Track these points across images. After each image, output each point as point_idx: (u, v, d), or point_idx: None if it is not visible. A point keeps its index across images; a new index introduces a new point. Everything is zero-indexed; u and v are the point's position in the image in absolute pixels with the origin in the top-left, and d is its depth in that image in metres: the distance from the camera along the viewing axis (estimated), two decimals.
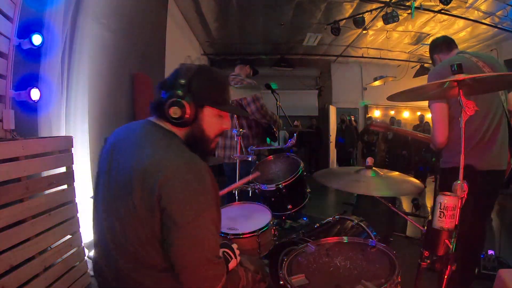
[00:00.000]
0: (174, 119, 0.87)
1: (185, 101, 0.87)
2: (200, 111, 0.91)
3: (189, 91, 0.88)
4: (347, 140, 7.37)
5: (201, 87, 0.90)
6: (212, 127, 0.94)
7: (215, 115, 0.94)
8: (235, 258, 0.98)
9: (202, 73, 0.92)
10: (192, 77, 0.89)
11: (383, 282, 0.96)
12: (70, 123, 2.18)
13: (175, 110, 0.86)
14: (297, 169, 1.89)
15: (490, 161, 1.56)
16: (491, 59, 1.66)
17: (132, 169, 0.81)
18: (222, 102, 0.95)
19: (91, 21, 2.41)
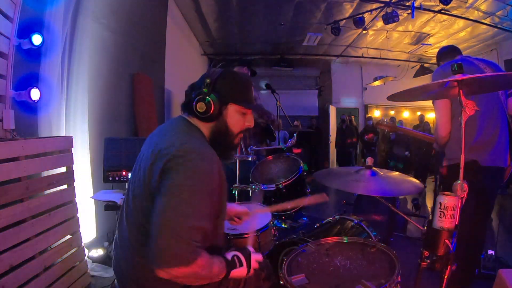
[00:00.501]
0: (200, 114, 0.97)
1: (210, 98, 0.97)
2: (225, 107, 1.00)
3: (214, 89, 0.98)
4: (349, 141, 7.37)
5: (225, 86, 1.00)
6: (235, 123, 1.03)
7: (238, 112, 1.02)
8: (245, 268, 0.97)
9: (227, 74, 1.02)
10: (217, 78, 1.00)
11: (383, 282, 0.96)
12: (70, 123, 2.18)
13: (201, 105, 0.96)
14: (297, 169, 1.89)
15: (492, 157, 1.59)
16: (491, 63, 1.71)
17: (151, 153, 0.92)
18: (245, 100, 1.03)
19: (91, 21, 2.41)
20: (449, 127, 1.63)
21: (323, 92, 8.80)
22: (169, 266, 0.79)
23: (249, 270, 0.98)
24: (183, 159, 0.85)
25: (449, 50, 1.88)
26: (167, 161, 0.85)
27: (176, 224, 0.80)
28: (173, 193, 0.83)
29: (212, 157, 0.90)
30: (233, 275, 0.95)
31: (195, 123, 1.01)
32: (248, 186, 1.87)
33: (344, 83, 8.79)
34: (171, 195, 0.83)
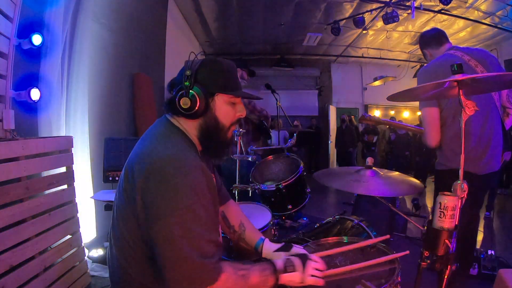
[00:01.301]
0: (185, 110, 0.87)
1: (194, 91, 0.86)
2: (211, 99, 0.90)
3: (197, 81, 0.88)
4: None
5: (209, 75, 0.89)
6: (225, 115, 0.92)
7: (227, 102, 0.92)
8: (300, 273, 0.88)
9: (208, 62, 0.92)
10: (198, 68, 0.89)
11: (383, 282, 0.96)
12: (70, 123, 2.18)
13: (185, 101, 0.86)
14: (297, 169, 1.88)
15: (485, 166, 1.56)
16: (483, 55, 1.62)
17: (128, 163, 0.84)
18: (232, 88, 0.93)
19: (91, 21, 2.41)
20: (438, 137, 1.58)
21: (323, 92, 8.80)
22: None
23: (304, 276, 0.88)
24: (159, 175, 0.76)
25: (433, 36, 1.74)
26: (141, 178, 0.77)
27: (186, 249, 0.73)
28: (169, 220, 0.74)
29: (187, 163, 0.79)
30: (285, 281, 0.87)
31: (179, 123, 0.91)
32: (248, 186, 1.87)
33: (344, 83, 8.79)
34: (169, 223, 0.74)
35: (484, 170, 1.55)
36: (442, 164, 1.63)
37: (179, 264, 0.73)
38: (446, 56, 1.61)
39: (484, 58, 1.60)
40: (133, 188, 0.78)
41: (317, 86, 8.85)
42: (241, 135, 2.03)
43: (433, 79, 1.04)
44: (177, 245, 0.73)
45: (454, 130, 1.54)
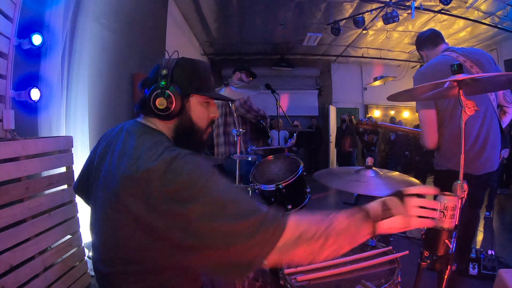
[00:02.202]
0: (161, 111, 0.83)
1: (170, 91, 0.83)
2: (186, 100, 0.87)
3: (172, 81, 0.85)
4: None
5: (184, 76, 0.87)
6: (200, 116, 0.90)
7: (201, 103, 0.90)
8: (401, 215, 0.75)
9: (183, 63, 0.89)
10: (174, 68, 0.87)
11: (383, 282, 0.97)
12: (70, 123, 2.18)
13: (161, 101, 0.82)
14: (297, 169, 1.88)
15: (482, 167, 1.57)
16: (478, 56, 1.62)
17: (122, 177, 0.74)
18: (207, 89, 0.91)
19: (91, 21, 2.41)
20: (435, 138, 1.58)
21: (323, 92, 8.80)
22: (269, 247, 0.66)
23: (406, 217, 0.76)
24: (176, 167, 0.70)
25: (429, 37, 1.74)
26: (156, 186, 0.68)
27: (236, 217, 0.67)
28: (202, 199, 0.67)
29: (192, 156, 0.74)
30: (386, 227, 0.75)
31: (154, 125, 0.86)
32: (248, 186, 1.87)
33: (344, 83, 8.79)
34: (201, 203, 0.67)
35: (481, 170, 1.56)
36: (440, 165, 1.64)
37: (239, 235, 0.66)
38: (441, 58, 1.61)
39: (479, 58, 1.60)
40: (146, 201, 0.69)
41: (317, 86, 8.86)
42: (241, 135, 2.03)
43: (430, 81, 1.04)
44: (228, 209, 0.68)
45: (451, 131, 1.55)
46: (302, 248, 0.69)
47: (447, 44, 1.71)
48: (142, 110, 0.88)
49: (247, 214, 0.68)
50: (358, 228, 0.73)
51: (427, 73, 1.59)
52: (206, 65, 0.94)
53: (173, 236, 0.68)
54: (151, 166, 0.70)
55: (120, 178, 0.73)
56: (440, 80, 0.99)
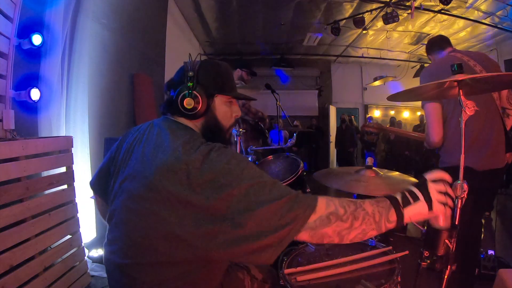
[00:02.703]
0: (188, 111, 0.88)
1: (196, 92, 0.88)
2: (212, 100, 0.92)
3: (198, 82, 0.89)
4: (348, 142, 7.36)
5: (209, 77, 0.92)
6: (224, 115, 0.95)
7: (225, 102, 0.95)
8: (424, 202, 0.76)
9: (207, 65, 0.94)
10: (199, 70, 0.91)
11: (383, 282, 0.96)
12: (70, 123, 2.18)
13: (189, 101, 0.87)
14: (297, 169, 1.88)
15: (487, 161, 1.57)
16: (481, 56, 1.65)
17: (159, 168, 0.77)
18: (230, 89, 0.96)
19: (91, 21, 2.41)
20: (441, 132, 1.60)
21: (323, 92, 8.80)
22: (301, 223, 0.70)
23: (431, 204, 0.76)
24: (212, 155, 0.75)
25: (436, 42, 1.80)
26: (194, 174, 0.72)
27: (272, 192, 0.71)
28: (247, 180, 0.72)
29: (227, 148, 0.81)
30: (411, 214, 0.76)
31: (185, 123, 0.91)
32: None
33: (344, 83, 8.79)
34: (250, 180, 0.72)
35: (484, 166, 1.56)
36: (445, 162, 1.64)
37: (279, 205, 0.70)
38: (446, 57, 1.65)
39: (483, 59, 1.63)
40: (183, 188, 0.72)
41: (317, 86, 8.86)
42: (241, 135, 2.03)
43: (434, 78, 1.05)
44: (267, 191, 0.72)
45: (454, 127, 1.56)
46: (331, 227, 0.72)
47: (453, 48, 1.75)
48: (169, 110, 0.93)
49: (280, 196, 0.72)
50: (383, 215, 0.75)
51: (432, 70, 1.62)
52: (227, 67, 0.99)
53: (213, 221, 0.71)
54: (191, 158, 0.75)
55: (156, 168, 0.77)
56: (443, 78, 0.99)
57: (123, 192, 0.84)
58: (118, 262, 0.83)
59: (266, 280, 1.12)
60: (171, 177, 0.74)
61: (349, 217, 0.73)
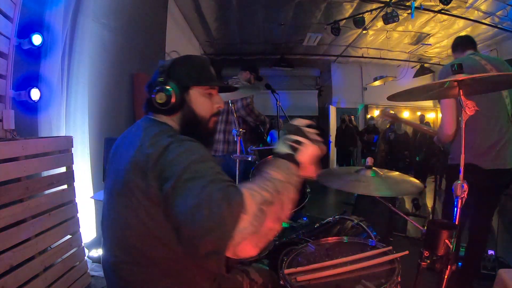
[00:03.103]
0: (162, 106, 0.88)
1: (168, 85, 0.88)
2: (187, 93, 0.91)
3: (170, 76, 0.90)
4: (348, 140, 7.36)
5: (182, 70, 0.92)
6: (203, 107, 0.94)
7: (203, 94, 0.94)
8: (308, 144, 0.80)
9: (179, 59, 0.94)
10: (170, 65, 0.92)
11: (383, 282, 0.96)
12: (70, 123, 2.18)
13: (161, 96, 0.88)
14: None
15: (494, 160, 1.59)
16: (500, 63, 1.70)
17: (128, 163, 0.78)
18: (207, 80, 0.95)
19: (91, 21, 2.41)
20: (454, 125, 1.63)
21: (323, 92, 8.80)
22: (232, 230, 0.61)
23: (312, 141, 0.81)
24: (171, 151, 0.73)
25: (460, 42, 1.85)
26: (154, 164, 0.72)
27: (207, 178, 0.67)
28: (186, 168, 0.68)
29: (195, 142, 0.79)
30: (304, 158, 0.80)
31: (161, 119, 0.91)
32: None
33: (344, 83, 8.78)
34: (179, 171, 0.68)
35: (493, 164, 1.58)
36: (453, 159, 1.69)
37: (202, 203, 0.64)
38: (465, 58, 1.69)
39: (500, 66, 1.67)
40: (149, 180, 0.72)
41: (317, 86, 8.85)
42: (241, 135, 2.03)
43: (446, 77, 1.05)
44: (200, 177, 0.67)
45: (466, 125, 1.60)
46: (269, 218, 0.66)
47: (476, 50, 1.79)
48: (149, 109, 0.94)
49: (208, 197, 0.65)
50: (289, 174, 0.75)
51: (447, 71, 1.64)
52: (202, 58, 0.99)
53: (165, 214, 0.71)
54: (151, 151, 0.75)
55: (126, 164, 0.78)
56: None
57: (106, 190, 0.88)
58: (109, 261, 0.85)
59: (266, 285, 1.11)
60: (137, 172, 0.75)
61: (274, 195, 0.68)
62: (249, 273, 1.09)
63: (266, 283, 1.12)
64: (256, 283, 1.08)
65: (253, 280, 1.08)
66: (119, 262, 0.82)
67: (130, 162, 0.78)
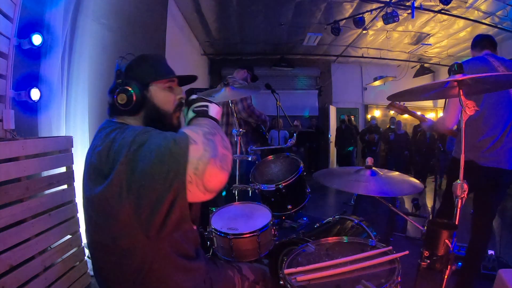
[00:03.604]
0: (125, 106, 0.89)
1: (128, 86, 0.90)
2: (147, 90, 0.92)
3: (128, 77, 0.92)
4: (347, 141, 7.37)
5: (139, 69, 0.94)
6: (165, 101, 0.95)
7: (163, 88, 0.95)
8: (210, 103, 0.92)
9: (135, 59, 0.96)
10: (128, 67, 0.94)
11: (383, 282, 0.96)
12: (70, 123, 2.18)
13: (121, 97, 0.89)
14: (297, 169, 1.88)
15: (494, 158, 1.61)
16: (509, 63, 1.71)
17: (90, 165, 0.84)
18: (165, 74, 0.96)
19: (91, 21, 2.41)
20: (454, 121, 1.68)
21: (323, 92, 8.80)
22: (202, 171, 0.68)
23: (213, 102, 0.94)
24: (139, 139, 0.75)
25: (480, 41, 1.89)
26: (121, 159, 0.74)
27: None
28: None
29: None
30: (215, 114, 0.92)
31: (125, 121, 0.92)
32: (248, 186, 1.87)
33: (344, 83, 8.78)
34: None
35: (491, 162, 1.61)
36: (456, 152, 1.74)
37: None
38: (479, 58, 1.72)
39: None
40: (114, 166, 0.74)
41: (317, 86, 8.85)
42: (241, 135, 2.03)
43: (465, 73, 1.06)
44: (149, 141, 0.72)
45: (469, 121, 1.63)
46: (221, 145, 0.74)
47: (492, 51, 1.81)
48: (113, 113, 0.95)
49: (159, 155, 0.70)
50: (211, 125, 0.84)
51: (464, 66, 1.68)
52: (157, 55, 1.02)
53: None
54: (100, 149, 0.81)
55: (88, 168, 0.85)
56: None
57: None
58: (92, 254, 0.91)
59: (257, 281, 1.12)
60: (94, 175, 0.80)
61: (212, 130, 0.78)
62: (241, 269, 1.10)
63: (258, 279, 1.13)
64: (247, 279, 1.09)
65: (244, 276, 1.09)
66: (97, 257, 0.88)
67: (90, 165, 0.84)
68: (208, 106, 0.92)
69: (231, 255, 1.40)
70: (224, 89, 1.84)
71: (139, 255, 0.80)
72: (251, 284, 1.10)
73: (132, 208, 0.72)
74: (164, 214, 0.70)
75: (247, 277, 1.09)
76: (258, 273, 1.15)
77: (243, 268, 1.12)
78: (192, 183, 0.68)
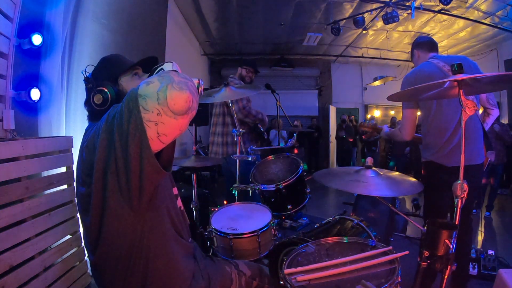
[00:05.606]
0: (103, 106, 0.92)
1: (100, 87, 0.93)
2: (118, 84, 0.97)
3: (98, 78, 0.96)
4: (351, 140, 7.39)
5: (104, 69, 0.99)
6: None
7: (131, 79, 1.00)
8: (166, 62, 0.94)
9: (98, 63, 1.02)
10: (93, 73, 0.99)
11: (383, 282, 0.96)
12: (70, 123, 2.18)
13: (98, 98, 0.92)
14: (297, 169, 1.88)
15: (453, 158, 1.64)
16: (461, 61, 1.72)
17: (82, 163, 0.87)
18: (126, 64, 1.02)
19: (91, 21, 2.41)
20: (413, 133, 1.83)
21: (323, 92, 8.80)
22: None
23: None
24: None
25: (429, 41, 1.92)
26: None
27: None
28: None
29: None
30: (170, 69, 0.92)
31: None
32: (248, 186, 1.87)
33: (344, 83, 8.79)
34: None
35: (452, 162, 1.64)
36: (423, 157, 1.82)
37: None
38: (425, 64, 1.79)
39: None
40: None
41: (317, 86, 8.86)
42: (241, 135, 2.03)
43: (414, 85, 1.11)
44: None
45: (427, 127, 1.77)
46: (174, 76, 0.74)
47: (437, 54, 1.89)
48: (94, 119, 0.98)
49: None
50: None
51: (411, 78, 1.78)
52: (114, 54, 1.08)
53: None
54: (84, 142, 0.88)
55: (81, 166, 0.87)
56: (419, 84, 1.04)
57: None
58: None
59: (254, 277, 1.13)
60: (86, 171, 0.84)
61: (164, 72, 0.79)
62: (238, 265, 1.11)
63: (255, 275, 1.13)
64: (244, 274, 1.10)
65: (241, 271, 1.10)
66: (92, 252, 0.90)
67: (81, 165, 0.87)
68: (163, 65, 0.93)
69: (231, 255, 1.40)
70: (224, 89, 1.84)
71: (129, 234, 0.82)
72: (248, 280, 1.11)
73: (115, 181, 0.76)
74: (138, 171, 0.73)
75: (244, 273, 1.11)
76: (255, 269, 1.17)
77: (239, 264, 1.13)
78: (161, 114, 0.70)
